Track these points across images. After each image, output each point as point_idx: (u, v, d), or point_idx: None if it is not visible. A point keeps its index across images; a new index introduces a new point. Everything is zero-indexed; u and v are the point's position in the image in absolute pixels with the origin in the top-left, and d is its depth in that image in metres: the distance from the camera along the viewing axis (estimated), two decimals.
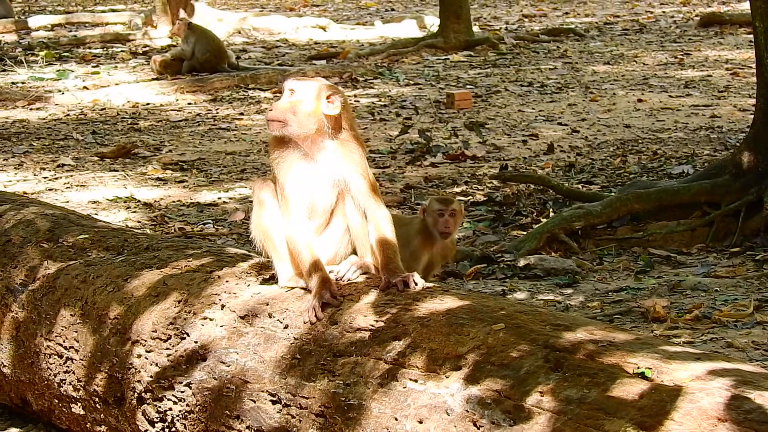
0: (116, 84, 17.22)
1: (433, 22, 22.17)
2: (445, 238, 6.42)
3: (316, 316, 4.55)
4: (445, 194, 10.33)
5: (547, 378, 3.80)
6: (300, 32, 22.82)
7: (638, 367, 3.68)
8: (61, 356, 5.46)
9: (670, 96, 15.46)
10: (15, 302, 5.83)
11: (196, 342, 4.86)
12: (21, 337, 5.74)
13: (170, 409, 4.87)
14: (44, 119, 14.98)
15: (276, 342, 4.61)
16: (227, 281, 5.05)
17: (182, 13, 20.25)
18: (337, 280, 4.73)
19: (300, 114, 4.73)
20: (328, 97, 4.75)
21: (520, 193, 10.45)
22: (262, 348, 4.63)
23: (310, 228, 4.80)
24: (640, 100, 15.15)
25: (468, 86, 16.67)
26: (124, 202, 10.75)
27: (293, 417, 4.38)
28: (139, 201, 10.77)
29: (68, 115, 15.23)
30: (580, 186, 10.78)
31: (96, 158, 12.59)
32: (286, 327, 4.63)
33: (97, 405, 5.26)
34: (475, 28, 21.36)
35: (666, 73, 17.28)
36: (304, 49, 21.15)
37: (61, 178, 11.75)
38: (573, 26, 22.57)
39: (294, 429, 4.37)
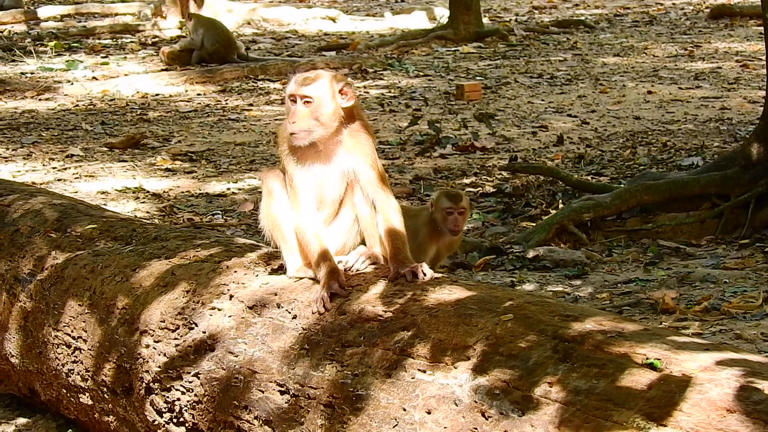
0: (125, 75, 17.23)
1: (443, 13, 22.14)
2: (454, 235, 6.42)
3: (324, 306, 4.54)
4: (454, 189, 10.29)
5: (556, 368, 3.79)
6: (310, 23, 22.81)
7: (647, 358, 3.66)
8: (69, 346, 5.46)
9: (680, 88, 15.42)
10: (23, 292, 5.83)
11: (204, 332, 4.86)
12: (29, 327, 5.74)
13: (178, 399, 4.87)
14: (53, 110, 14.99)
15: (284, 332, 4.60)
16: (236, 271, 5.04)
17: (191, 4, 20.23)
18: (345, 270, 4.72)
19: (323, 117, 4.69)
20: (341, 91, 4.73)
21: (530, 185, 10.44)
22: (270, 338, 4.63)
23: (319, 218, 4.79)
24: (649, 92, 15.12)
25: (478, 78, 16.65)
26: (133, 192, 10.75)
27: (301, 407, 4.38)
28: (147, 191, 10.77)
29: (77, 105, 15.24)
30: (589, 177, 10.77)
31: (105, 149, 12.59)
32: (294, 317, 4.62)
33: (105, 395, 5.26)
34: (485, 20, 21.34)
35: (676, 65, 17.24)
36: (314, 40, 21.14)
37: (69, 168, 11.75)
38: (583, 18, 22.52)
39: (302, 419, 4.36)
